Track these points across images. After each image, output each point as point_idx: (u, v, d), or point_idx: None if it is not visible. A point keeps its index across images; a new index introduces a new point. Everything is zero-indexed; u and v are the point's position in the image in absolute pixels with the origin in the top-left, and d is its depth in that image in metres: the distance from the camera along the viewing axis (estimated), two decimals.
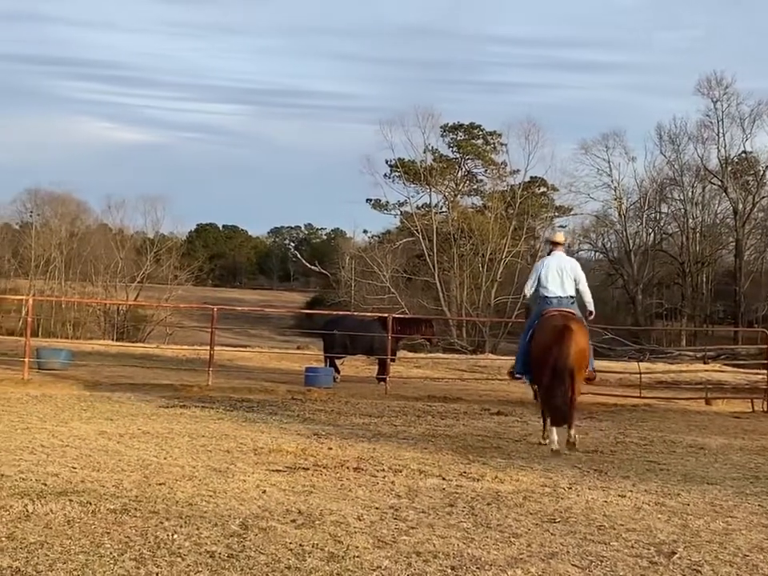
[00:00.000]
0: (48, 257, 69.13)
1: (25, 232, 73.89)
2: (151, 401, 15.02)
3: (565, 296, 12.22)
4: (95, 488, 7.86)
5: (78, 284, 68.80)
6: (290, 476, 8.94)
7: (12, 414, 12.39)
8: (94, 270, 68.14)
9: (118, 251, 68.58)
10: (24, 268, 69.38)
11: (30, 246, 69.46)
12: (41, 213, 76.25)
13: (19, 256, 70.05)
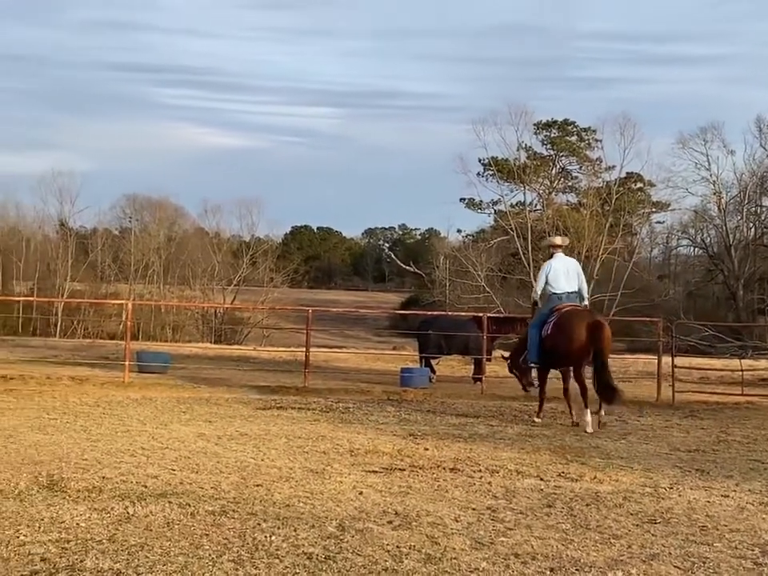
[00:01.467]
0: (147, 261, 70.36)
1: (124, 237, 75.35)
2: (249, 402, 15.16)
3: (571, 291, 14.02)
4: (194, 490, 7.96)
5: (176, 288, 69.90)
6: (386, 477, 8.94)
7: (113, 417, 12.61)
8: (192, 273, 69.16)
9: (215, 255, 69.49)
10: (124, 273, 70.69)
11: (130, 251, 70.77)
12: (139, 218, 77.75)
13: (119, 261, 71.39)
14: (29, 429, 11.22)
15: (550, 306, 13.99)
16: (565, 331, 13.44)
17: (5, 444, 9.96)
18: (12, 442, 10.13)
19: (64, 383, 17.39)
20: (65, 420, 12.14)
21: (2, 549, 6.02)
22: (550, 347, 13.70)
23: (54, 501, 7.36)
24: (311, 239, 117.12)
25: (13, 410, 13.04)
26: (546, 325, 13.82)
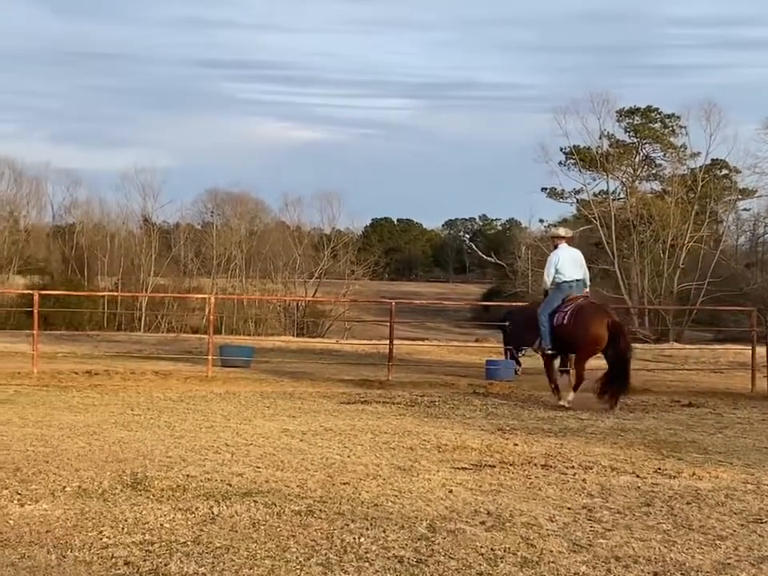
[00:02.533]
0: (229, 255, 70.88)
1: (206, 232, 75.98)
2: (332, 397, 14.99)
3: (579, 279, 14.99)
4: (279, 488, 7.77)
5: (258, 281, 70.30)
6: (476, 474, 8.67)
7: (197, 413, 12.52)
8: (273, 266, 69.50)
9: (296, 248, 69.72)
10: (206, 267, 71.31)
11: (212, 246, 71.35)
12: (221, 213, 78.34)
13: (202, 255, 72.02)
14: (113, 425, 11.17)
15: (562, 294, 14.87)
16: (584, 326, 14.37)
17: (89, 441, 9.89)
18: (96, 439, 10.06)
19: (148, 378, 17.39)
20: (149, 416, 12.07)
21: (85, 551, 5.89)
22: (564, 336, 14.54)
23: (137, 500, 7.23)
24: (391, 231, 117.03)
25: (97, 406, 13.03)
26: (559, 313, 14.67)
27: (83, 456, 9.00)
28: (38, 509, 6.89)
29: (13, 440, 9.84)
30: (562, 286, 14.93)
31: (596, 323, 14.36)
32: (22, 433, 10.35)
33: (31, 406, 12.83)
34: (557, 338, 14.73)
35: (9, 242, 65.91)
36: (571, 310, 14.57)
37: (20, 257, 65.76)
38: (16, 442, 9.70)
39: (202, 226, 79.91)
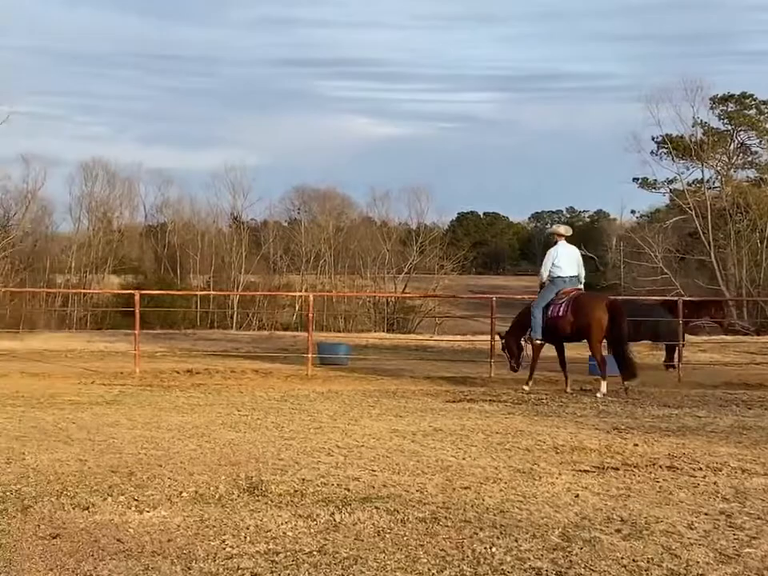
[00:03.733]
0: (317, 252, 71.00)
1: (294, 229, 76.26)
2: (436, 395, 14.69)
3: (573, 276, 15.85)
4: (399, 493, 7.49)
5: (346, 277, 70.31)
6: (600, 477, 8.29)
7: (302, 413, 12.32)
8: (362, 262, 69.42)
9: (384, 243, 69.52)
10: (295, 264, 71.53)
11: (300, 242, 71.54)
12: (308, 209, 78.55)
13: (290, 252, 72.27)
14: (221, 426, 11.01)
15: (556, 289, 15.78)
16: (585, 312, 15.44)
17: (200, 443, 9.74)
18: (207, 441, 9.90)
19: (248, 377, 17.29)
20: (255, 416, 11.89)
21: (209, 562, 5.67)
22: (564, 326, 15.57)
23: (256, 506, 7.01)
24: (478, 225, 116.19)
25: (203, 407, 12.91)
26: (554, 306, 15.68)
27: (196, 459, 8.84)
28: (157, 516, 6.72)
29: (124, 442, 9.74)
30: (556, 280, 15.81)
31: (595, 307, 15.50)
32: (131, 435, 10.24)
33: (138, 407, 12.76)
34: (555, 329, 15.69)
35: (103, 242, 66.91)
36: (566, 301, 15.60)
37: (114, 256, 66.69)
38: (127, 445, 9.58)
39: (289, 223, 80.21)
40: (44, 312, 54.41)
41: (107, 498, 7.17)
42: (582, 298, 15.79)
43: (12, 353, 22.43)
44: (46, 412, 12.19)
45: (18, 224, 63.28)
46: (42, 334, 30.56)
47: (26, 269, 59.04)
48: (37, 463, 8.55)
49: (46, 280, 60.31)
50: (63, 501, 7.09)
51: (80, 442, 9.77)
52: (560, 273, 15.84)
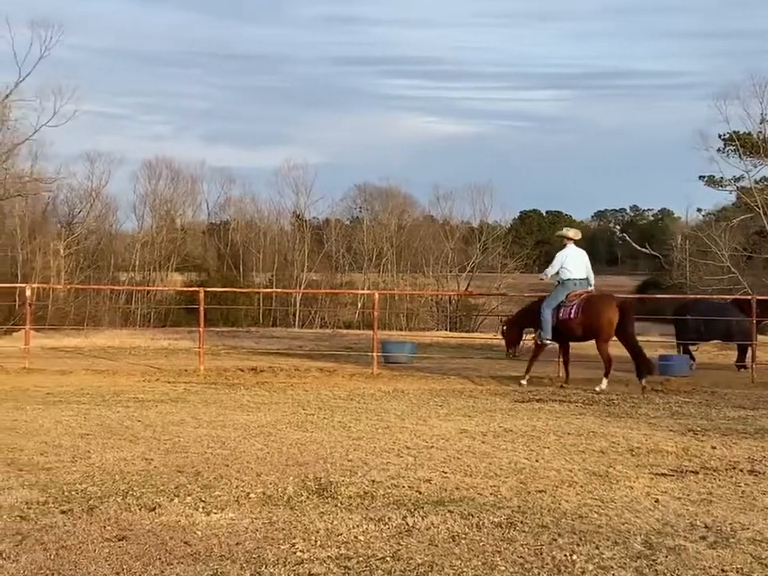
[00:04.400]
0: (379, 250, 70.86)
1: (356, 227, 76.17)
2: (504, 395, 14.43)
3: (583, 278, 16.14)
4: (472, 496, 7.27)
5: (408, 275, 70.10)
6: (679, 481, 8.01)
7: (369, 412, 12.13)
8: (424, 261, 69.14)
9: (447, 241, 69.20)
10: (358, 262, 71.47)
11: (363, 241, 71.45)
12: (369, 208, 78.45)
13: (353, 250, 72.22)
14: (287, 425, 10.86)
15: (566, 291, 16.00)
16: (597, 313, 15.67)
17: (266, 443, 9.59)
18: (273, 440, 9.76)
19: (313, 375, 17.12)
20: (322, 415, 11.73)
21: (280, 567, 5.50)
22: (575, 328, 15.76)
23: (326, 509, 6.83)
24: (540, 223, 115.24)
25: (268, 405, 12.78)
26: (565, 308, 15.85)
27: (263, 459, 8.69)
28: (225, 518, 6.56)
29: (189, 441, 9.62)
30: (567, 283, 16.05)
31: (607, 307, 15.75)
32: (197, 434, 10.13)
33: (203, 405, 12.67)
34: (565, 330, 15.89)
35: (167, 240, 67.31)
36: (578, 303, 15.81)
37: (177, 254, 67.12)
38: (193, 444, 9.47)
39: (351, 222, 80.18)
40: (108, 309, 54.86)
41: (174, 499, 7.04)
42: (593, 299, 16.05)
43: (77, 350, 22.54)
44: (111, 410, 12.14)
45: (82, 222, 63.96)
46: (106, 331, 30.73)
47: (90, 266, 59.56)
48: (102, 462, 8.46)
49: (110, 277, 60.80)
50: (129, 501, 6.97)
51: (145, 441, 9.68)
52: (570, 275, 16.06)
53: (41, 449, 9.12)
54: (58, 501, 6.96)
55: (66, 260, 57.81)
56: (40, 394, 13.86)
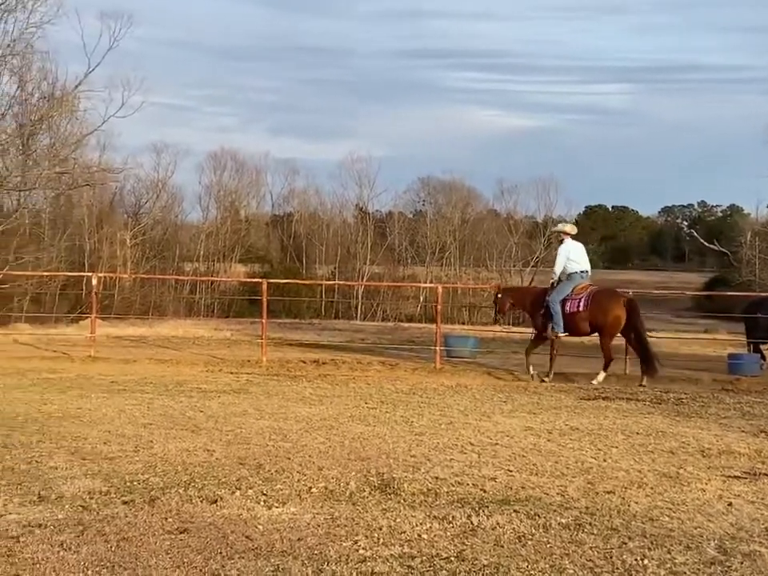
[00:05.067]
0: (442, 243, 70.60)
1: (419, 220, 75.97)
2: (569, 391, 14.22)
3: (586, 270, 16.41)
4: (539, 496, 7.11)
5: (471, 269, 69.75)
6: (753, 484, 7.77)
7: (432, 407, 12.00)
8: (488, 254, 68.75)
9: (511, 236, 68.76)
10: (420, 255, 71.28)
11: (426, 234, 71.25)
12: (433, 201, 78.15)
13: (416, 244, 72.03)
14: (349, 419, 10.78)
15: (573, 284, 16.17)
16: (605, 309, 15.83)
17: (328, 436, 9.51)
18: (335, 433, 9.67)
19: (375, 368, 17.06)
20: (384, 409, 11.64)
21: (342, 565, 5.38)
22: (581, 321, 15.93)
23: (389, 505, 6.71)
24: (606, 218, 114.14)
25: (330, 398, 12.71)
26: (572, 301, 16.01)
27: (325, 453, 8.59)
28: (286, 512, 6.47)
29: (251, 433, 9.57)
30: (573, 276, 16.22)
31: (614, 304, 15.93)
32: (259, 426, 10.08)
33: (265, 397, 12.64)
34: (570, 324, 16.03)
35: (230, 231, 67.64)
36: (585, 296, 15.97)
37: (241, 246, 67.44)
38: (255, 436, 9.41)
39: (414, 215, 79.98)
40: (172, 299, 55.24)
41: (235, 492, 6.97)
42: (601, 295, 16.19)
43: (141, 339, 22.69)
44: (174, 399, 12.16)
45: (148, 212, 64.53)
46: (170, 321, 30.95)
47: (155, 256, 60.08)
48: (164, 452, 8.43)
49: (174, 267, 61.27)
50: (191, 493, 6.91)
51: (207, 432, 9.65)
52: (576, 268, 16.28)
53: (104, 438, 9.13)
54: (120, 491, 6.92)
55: (132, 250, 58.36)
56: (104, 382, 13.95)
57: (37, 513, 6.33)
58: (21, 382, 13.75)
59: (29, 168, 33.89)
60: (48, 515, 6.28)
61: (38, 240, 42.47)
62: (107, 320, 28.23)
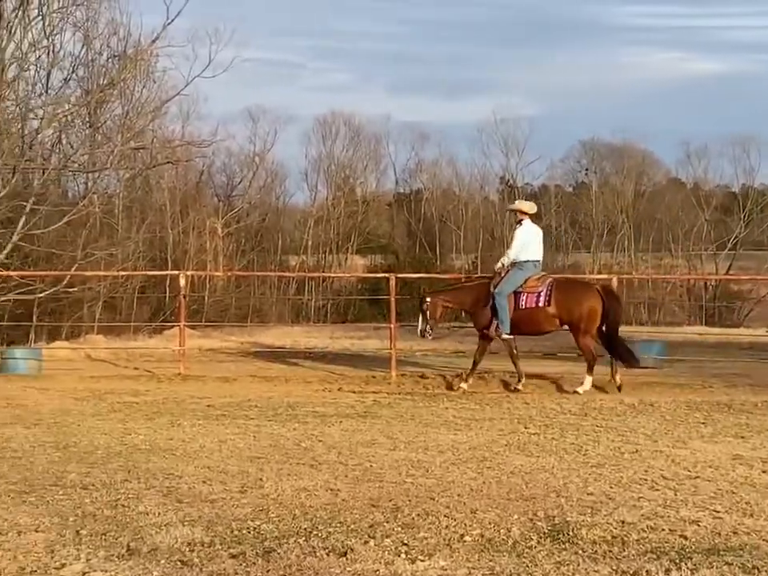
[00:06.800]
0: (612, 224, 69.90)
1: (581, 194, 75.35)
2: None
3: (540, 259, 17.08)
4: (756, 543, 6.99)
5: (650, 255, 68.91)
6: None
7: (610, 431, 11.92)
8: (671, 236, 67.70)
9: (702, 212, 67.62)
10: (584, 239, 70.74)
11: (590, 212, 70.67)
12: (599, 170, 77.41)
13: (577, 224, 71.52)
14: (505, 448, 10.78)
15: (526, 274, 16.69)
16: (576, 301, 16.53)
17: (479, 470, 9.51)
18: (488, 466, 9.67)
19: (534, 383, 17.02)
20: (548, 435, 11.61)
21: None
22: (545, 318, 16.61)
23: (563, 557, 6.65)
24: None
25: (479, 421, 12.75)
26: (526, 295, 16.56)
27: (477, 491, 8.59)
28: (434, 567, 6.46)
29: (384, 467, 9.63)
30: (526, 264, 16.78)
31: (587, 295, 16.70)
32: (393, 458, 10.14)
33: (398, 421, 12.73)
34: (530, 321, 16.67)
35: (345, 214, 67.82)
36: (546, 289, 16.57)
37: (358, 232, 67.46)
38: (388, 471, 9.46)
39: (574, 188, 79.44)
40: (276, 301, 55.87)
41: (369, 541, 6.99)
42: (568, 285, 17.25)
43: (240, 351, 23.05)
44: (285, 426, 12.32)
45: (243, 194, 65.19)
46: (274, 328, 31.37)
47: (253, 249, 60.65)
48: (278, 493, 8.53)
49: (277, 262, 61.85)
50: (313, 543, 6.96)
51: (329, 466, 9.74)
52: (530, 256, 16.84)
53: (203, 475, 9.28)
54: (227, 542, 7.01)
55: (225, 241, 59.02)
56: (199, 406, 14.22)
57: (126, 569, 6.44)
58: (98, 408, 14.11)
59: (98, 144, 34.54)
60: (140, 572, 6.39)
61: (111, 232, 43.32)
62: (197, 328, 28.78)
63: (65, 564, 6.50)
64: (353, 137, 73.48)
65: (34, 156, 32.43)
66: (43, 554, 6.69)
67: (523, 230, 17.00)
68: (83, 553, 6.76)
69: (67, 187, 42.04)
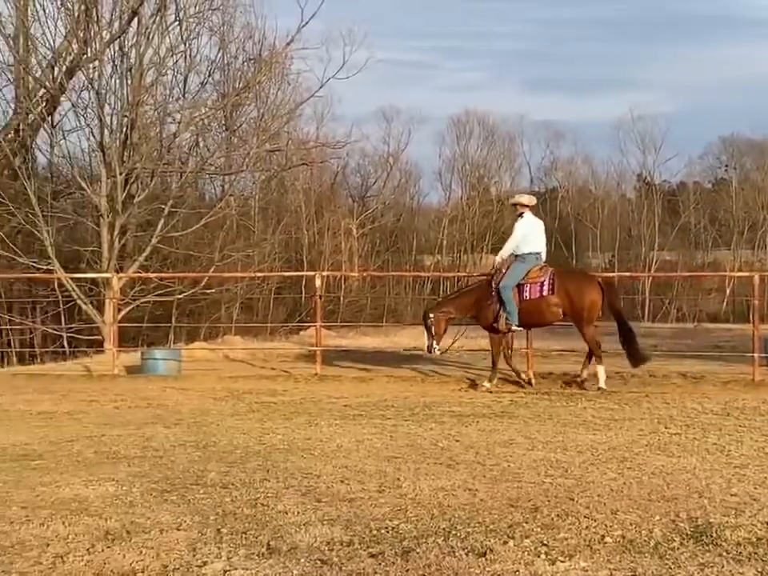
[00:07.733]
0: (753, 220, 68.77)
1: (722, 191, 74.29)
2: None
3: (541, 251, 17.25)
4: None
5: None
6: None
7: (754, 431, 11.74)
8: None
9: None
10: (724, 237, 69.73)
11: (731, 209, 69.60)
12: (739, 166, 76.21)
13: (717, 222, 70.49)
14: (646, 448, 10.66)
15: (527, 266, 16.92)
16: (578, 293, 16.72)
17: (620, 470, 9.41)
18: (629, 467, 9.56)
19: (674, 382, 16.89)
20: (690, 435, 11.46)
21: None
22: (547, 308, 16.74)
23: (707, 559, 6.55)
24: None
25: (618, 421, 12.64)
26: (530, 286, 16.75)
27: (618, 491, 8.50)
28: (575, 568, 6.41)
29: (522, 467, 9.58)
30: (528, 257, 17.00)
31: (588, 287, 16.93)
32: (531, 458, 10.09)
33: (535, 421, 12.69)
34: (531, 313, 16.84)
35: (480, 214, 67.94)
36: (548, 278, 16.75)
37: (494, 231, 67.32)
38: (527, 471, 9.42)
39: (714, 185, 78.32)
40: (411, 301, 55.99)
41: (508, 542, 6.96)
42: (569, 276, 17.47)
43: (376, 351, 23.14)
44: (421, 426, 12.34)
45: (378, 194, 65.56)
46: (409, 329, 31.35)
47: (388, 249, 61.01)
48: (416, 492, 8.53)
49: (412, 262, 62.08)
50: (452, 543, 6.95)
51: (467, 466, 9.72)
52: (531, 248, 17.04)
53: (341, 475, 9.33)
54: (365, 541, 7.03)
55: (360, 241, 59.43)
56: (336, 406, 14.32)
57: (267, 568, 6.50)
58: (237, 408, 14.30)
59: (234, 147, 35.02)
60: (281, 570, 6.44)
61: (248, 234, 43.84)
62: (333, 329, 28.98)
63: (206, 562, 6.57)
64: (487, 136, 73.58)
65: (172, 159, 33.06)
66: (185, 552, 6.78)
67: (524, 222, 17.20)
68: (224, 551, 6.83)
69: (204, 190, 42.79)
